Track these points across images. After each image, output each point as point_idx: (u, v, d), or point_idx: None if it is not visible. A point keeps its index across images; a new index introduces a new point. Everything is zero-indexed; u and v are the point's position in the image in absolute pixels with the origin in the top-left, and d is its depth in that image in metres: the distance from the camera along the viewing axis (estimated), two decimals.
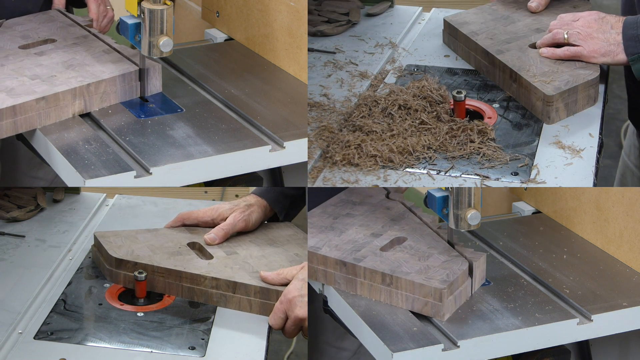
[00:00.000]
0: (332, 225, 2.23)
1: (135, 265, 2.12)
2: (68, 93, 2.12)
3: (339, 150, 2.10)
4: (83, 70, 2.19)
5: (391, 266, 2.04)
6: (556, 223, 2.48)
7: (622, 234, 2.24)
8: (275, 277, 2.08)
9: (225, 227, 2.29)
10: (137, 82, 2.23)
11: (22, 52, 2.26)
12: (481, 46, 2.42)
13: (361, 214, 2.29)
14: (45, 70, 2.18)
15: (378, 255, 2.08)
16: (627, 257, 2.23)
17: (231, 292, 2.08)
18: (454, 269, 2.01)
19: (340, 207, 2.34)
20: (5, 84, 2.11)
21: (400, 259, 2.07)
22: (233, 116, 2.22)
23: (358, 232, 2.20)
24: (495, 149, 2.09)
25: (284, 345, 3.69)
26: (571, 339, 2.00)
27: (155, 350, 1.92)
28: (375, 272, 2.02)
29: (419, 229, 2.21)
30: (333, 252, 2.10)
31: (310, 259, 2.11)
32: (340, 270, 2.07)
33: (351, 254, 2.09)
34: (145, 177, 1.98)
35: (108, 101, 2.20)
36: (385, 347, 1.86)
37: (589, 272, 2.19)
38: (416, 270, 2.02)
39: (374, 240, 2.15)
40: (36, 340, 1.92)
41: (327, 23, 2.76)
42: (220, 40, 2.69)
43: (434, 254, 2.08)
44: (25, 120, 2.07)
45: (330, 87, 2.42)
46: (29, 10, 2.46)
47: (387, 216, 2.28)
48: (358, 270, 2.05)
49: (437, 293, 1.95)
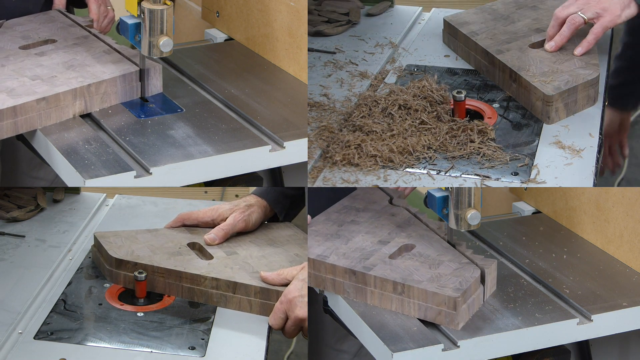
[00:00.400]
0: (338, 232, 2.19)
1: (136, 266, 2.12)
2: (69, 93, 2.12)
3: (339, 150, 2.10)
4: (84, 71, 2.19)
5: (402, 274, 2.00)
6: (556, 223, 2.48)
7: (622, 234, 2.24)
8: (275, 277, 2.08)
9: (225, 227, 2.29)
10: (137, 83, 2.23)
11: (22, 52, 2.26)
12: (481, 46, 2.42)
13: (366, 220, 2.25)
14: (45, 71, 2.18)
15: (388, 264, 2.04)
16: (627, 257, 2.23)
17: (231, 293, 2.08)
18: (466, 277, 1.98)
19: (344, 213, 2.29)
20: (5, 84, 2.11)
21: (411, 267, 2.03)
22: (233, 116, 2.22)
23: (365, 239, 2.16)
24: (495, 149, 2.09)
25: (284, 345, 3.69)
26: (571, 339, 2.00)
27: (155, 350, 1.92)
28: (386, 281, 1.99)
29: (426, 236, 2.17)
30: (341, 261, 2.06)
31: (318, 268, 2.07)
32: (349, 279, 2.04)
33: (360, 262, 2.05)
34: (145, 177, 1.98)
35: (109, 102, 2.20)
36: (385, 347, 1.86)
37: (589, 272, 2.19)
38: (428, 279, 1.98)
39: (382, 247, 2.11)
40: (36, 340, 1.92)
41: (327, 23, 2.77)
42: (220, 40, 2.69)
43: (445, 262, 2.05)
44: (26, 120, 2.07)
45: (330, 87, 2.42)
46: (30, 10, 2.46)
47: (393, 223, 2.24)
48: (368, 279, 2.01)
49: (451, 301, 1.91)
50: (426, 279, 1.98)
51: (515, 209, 2.62)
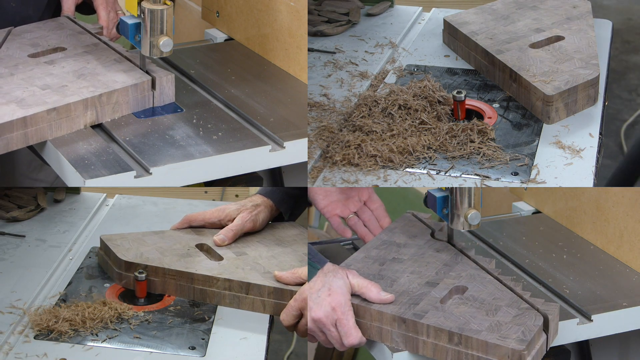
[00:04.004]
0: (380, 272, 2.02)
1: (146, 268, 2.11)
2: (80, 104, 2.09)
3: (338, 150, 2.10)
4: (94, 80, 2.16)
5: (458, 322, 1.82)
6: (556, 223, 2.48)
7: (622, 234, 2.24)
8: (290, 276, 2.05)
9: (234, 227, 2.27)
10: (149, 92, 2.19)
11: (31, 60, 2.23)
12: (481, 46, 2.42)
13: (409, 258, 2.08)
14: (56, 80, 2.14)
15: (440, 310, 1.87)
16: (627, 257, 2.23)
17: (244, 294, 2.06)
18: (529, 325, 1.81)
19: (383, 250, 2.12)
20: (15, 94, 2.08)
21: (466, 314, 1.85)
22: (233, 116, 2.22)
23: (411, 280, 1.98)
24: (495, 149, 2.09)
25: (284, 345, 3.70)
26: (571, 339, 2.00)
27: (155, 350, 1.92)
28: (440, 330, 1.81)
29: (477, 276, 2.00)
30: (389, 307, 1.88)
31: (362, 314, 1.90)
32: (398, 327, 1.86)
33: (409, 308, 1.87)
34: (145, 177, 1.98)
35: (120, 111, 2.15)
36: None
37: (589, 272, 2.20)
38: (487, 328, 1.81)
39: (430, 290, 1.94)
40: (36, 340, 1.92)
41: (327, 23, 2.77)
42: (220, 40, 2.69)
43: (502, 307, 1.87)
44: (37, 131, 2.03)
45: (330, 87, 2.42)
46: (30, 15, 2.43)
47: (439, 261, 2.07)
48: (420, 327, 1.83)
49: (515, 355, 1.75)
50: (485, 327, 1.81)
51: (515, 209, 2.62)
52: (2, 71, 2.17)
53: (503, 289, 1.94)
